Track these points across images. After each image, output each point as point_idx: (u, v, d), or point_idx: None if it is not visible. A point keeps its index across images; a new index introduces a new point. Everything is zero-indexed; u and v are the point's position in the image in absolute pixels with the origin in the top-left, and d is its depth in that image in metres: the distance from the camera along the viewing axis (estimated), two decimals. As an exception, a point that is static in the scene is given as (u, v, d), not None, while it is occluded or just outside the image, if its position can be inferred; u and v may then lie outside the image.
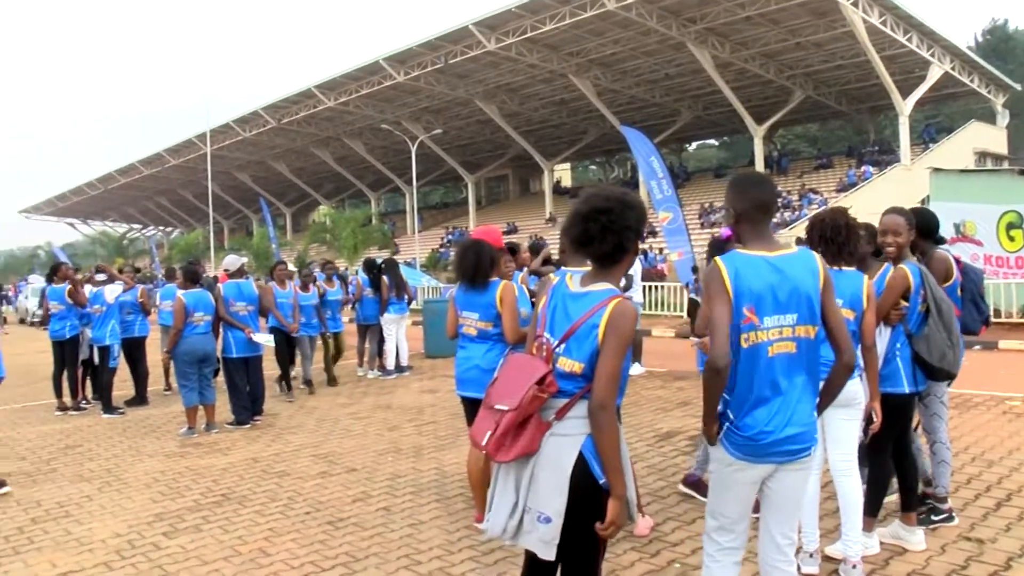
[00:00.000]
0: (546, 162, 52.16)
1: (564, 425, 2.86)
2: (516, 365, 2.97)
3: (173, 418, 9.97)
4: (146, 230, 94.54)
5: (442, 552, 5.00)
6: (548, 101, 47.41)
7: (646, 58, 39.00)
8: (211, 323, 9.31)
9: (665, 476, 6.48)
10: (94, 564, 5.09)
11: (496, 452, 2.86)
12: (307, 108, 49.54)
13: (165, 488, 6.81)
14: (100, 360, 10.78)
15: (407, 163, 51.37)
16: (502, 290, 5.19)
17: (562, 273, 3.12)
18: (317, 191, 69.20)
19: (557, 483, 2.80)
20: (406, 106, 48.09)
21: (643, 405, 9.59)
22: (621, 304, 2.84)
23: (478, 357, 5.24)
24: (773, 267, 3.03)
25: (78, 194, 78.34)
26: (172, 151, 62.26)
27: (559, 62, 38.94)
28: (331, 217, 53.08)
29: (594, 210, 2.92)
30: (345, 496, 6.33)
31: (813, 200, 37.24)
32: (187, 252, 55.50)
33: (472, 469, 5.37)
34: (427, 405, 10.27)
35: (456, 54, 39.05)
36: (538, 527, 2.83)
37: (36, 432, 9.52)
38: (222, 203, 71.32)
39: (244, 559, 5.04)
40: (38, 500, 6.63)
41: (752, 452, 3.02)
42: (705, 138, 68.72)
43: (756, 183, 3.25)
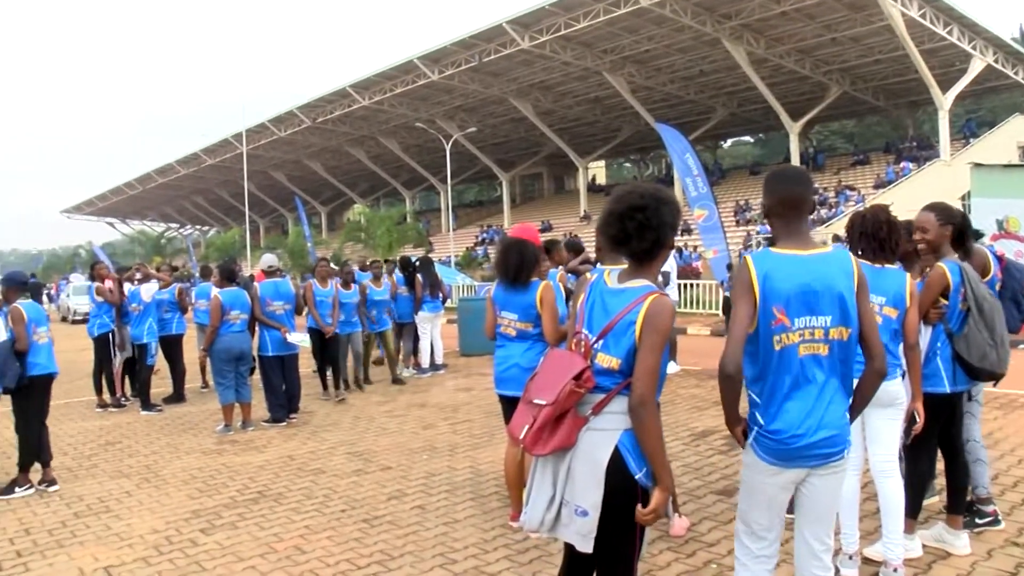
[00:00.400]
0: (580, 160, 52.01)
1: (600, 420, 2.86)
2: (555, 360, 2.97)
3: (210, 415, 10.05)
4: (183, 229, 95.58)
5: (477, 551, 4.99)
6: (582, 99, 47.29)
7: (680, 55, 38.75)
8: (247, 321, 9.37)
9: (701, 475, 6.43)
10: (133, 559, 5.15)
11: (533, 445, 2.86)
12: (342, 107, 49.78)
13: (202, 485, 6.88)
14: (138, 358, 10.90)
15: (441, 161, 51.46)
16: (542, 290, 5.17)
17: (600, 270, 3.10)
18: (352, 190, 69.55)
19: (593, 477, 2.80)
20: (440, 104, 48.17)
21: (678, 404, 9.53)
22: (658, 300, 2.84)
23: (518, 355, 5.23)
24: (806, 267, 2.94)
25: (117, 194, 79.38)
26: (209, 151, 62.84)
27: (593, 59, 38.80)
28: (366, 215, 53.30)
29: (630, 208, 2.90)
30: (380, 494, 6.34)
31: (850, 197, 36.82)
32: (224, 251, 56.01)
33: (508, 467, 5.36)
34: (462, 403, 10.29)
35: (490, 52, 39.04)
36: (576, 520, 2.83)
37: (78, 428, 9.64)
38: (258, 202, 71.96)
39: (280, 556, 5.07)
40: (80, 495, 6.73)
41: (783, 456, 2.95)
42: (740, 135, 68.22)
43: (787, 178, 3.13)
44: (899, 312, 4.16)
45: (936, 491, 5.33)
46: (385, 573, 4.72)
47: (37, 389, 7.00)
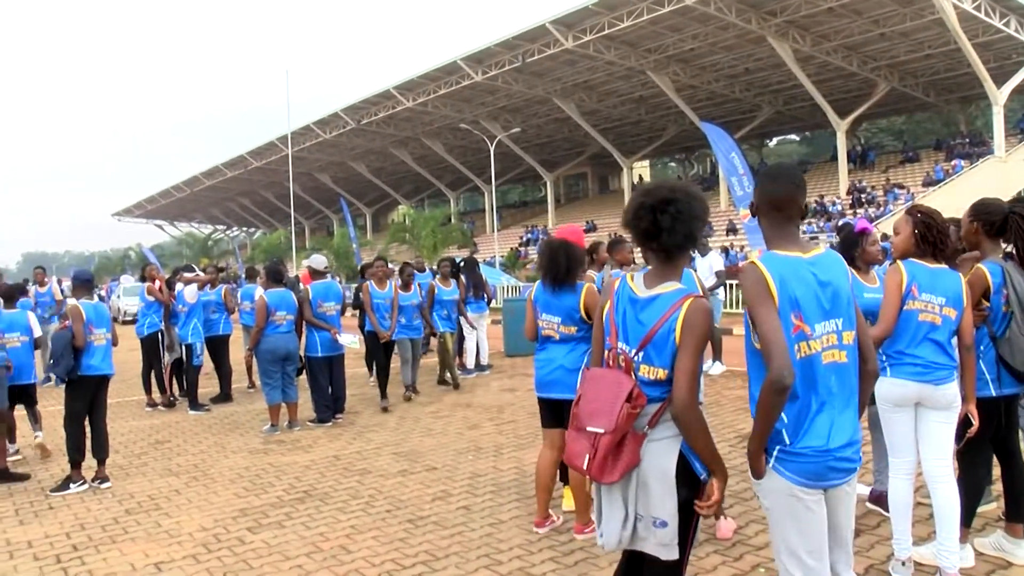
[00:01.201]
0: (625, 160, 51.83)
1: (659, 430, 2.82)
2: (599, 382, 2.90)
3: (256, 415, 10.15)
4: (230, 231, 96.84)
5: (522, 552, 4.98)
6: (626, 98, 47.15)
7: (725, 53, 38.47)
8: (294, 322, 9.44)
9: (748, 478, 6.29)
10: (182, 556, 5.21)
11: (601, 475, 2.81)
12: (386, 109, 50.14)
13: (249, 484, 6.94)
14: (185, 358, 11.05)
15: (486, 162, 51.59)
16: (586, 295, 5.08)
17: (622, 276, 3.04)
18: (396, 191, 69.97)
19: (666, 487, 2.78)
20: (484, 105, 48.32)
21: (724, 405, 9.44)
22: (695, 302, 2.79)
23: (561, 358, 5.15)
24: (811, 270, 2.78)
25: (165, 196, 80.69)
26: (254, 153, 63.66)
27: (637, 59, 38.67)
28: (410, 216, 53.62)
29: (662, 200, 2.85)
30: (425, 494, 6.35)
31: (899, 195, 36.27)
32: (270, 252, 56.66)
33: (541, 471, 5.34)
34: (507, 404, 10.28)
35: (533, 52, 39.09)
36: (655, 532, 2.80)
37: (128, 427, 9.79)
38: (303, 204, 72.63)
39: (326, 555, 5.09)
40: (131, 492, 6.83)
41: (814, 475, 2.71)
42: (786, 133, 67.50)
43: (774, 177, 2.93)
44: (957, 313, 4.06)
45: (993, 497, 5.20)
46: (430, 573, 4.72)
47: (87, 389, 7.11)
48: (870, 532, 5.00)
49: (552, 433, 5.27)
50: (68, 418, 7.06)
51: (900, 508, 4.20)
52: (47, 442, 8.44)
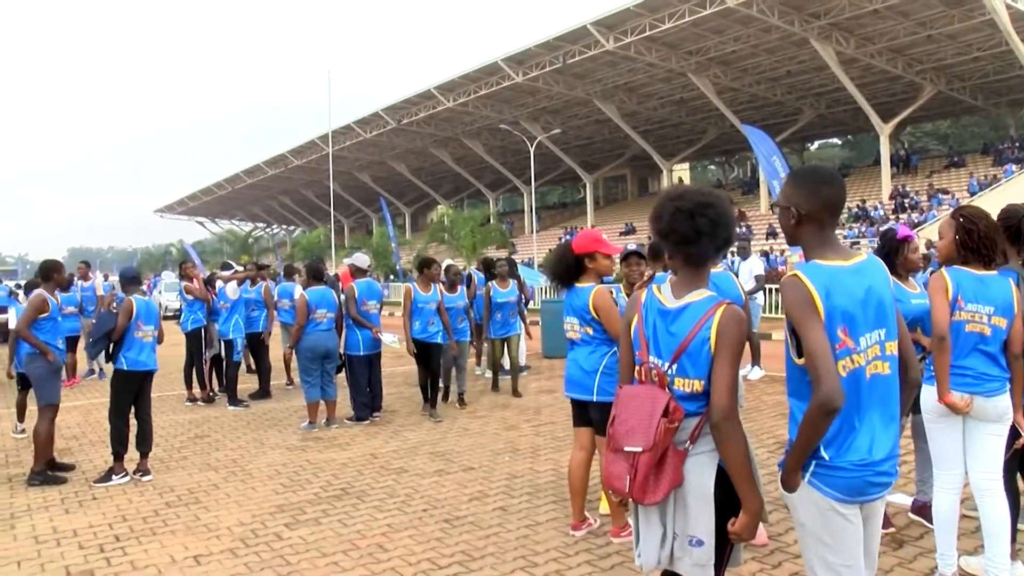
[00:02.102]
0: (665, 162, 51.61)
1: (699, 445, 2.74)
2: (632, 399, 2.81)
3: (294, 412, 10.23)
4: (270, 228, 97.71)
5: (559, 554, 4.96)
6: (667, 100, 46.95)
7: (767, 55, 38.18)
8: (334, 320, 9.49)
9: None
10: (220, 550, 5.26)
11: (644, 496, 2.72)
12: (426, 109, 50.36)
13: (287, 480, 6.99)
14: (225, 354, 11.17)
15: (525, 163, 51.64)
16: (594, 296, 5.12)
17: (648, 287, 2.97)
18: (436, 191, 70.22)
19: (704, 504, 2.70)
20: (524, 106, 48.36)
21: (763, 410, 9.36)
22: (728, 310, 2.72)
23: (582, 358, 5.23)
24: (857, 279, 2.65)
25: (207, 194, 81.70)
26: (295, 152, 64.23)
27: (678, 61, 38.48)
28: (450, 216, 53.78)
29: (699, 204, 2.76)
30: (462, 495, 6.36)
31: (943, 201, 35.75)
32: (309, 250, 57.14)
33: (573, 474, 5.33)
34: (544, 405, 10.27)
35: (574, 54, 39.05)
36: (691, 551, 2.73)
37: (169, 421, 9.91)
38: (343, 202, 73.14)
39: (362, 553, 5.11)
40: (171, 486, 6.91)
41: (852, 490, 2.60)
42: (828, 137, 66.87)
43: (828, 179, 2.75)
44: (1008, 321, 3.96)
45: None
46: (466, 574, 4.72)
47: (132, 383, 7.22)
48: (913, 543, 4.90)
49: (582, 433, 5.32)
50: (113, 411, 7.15)
51: (946, 523, 4.10)
52: (88, 433, 8.57)
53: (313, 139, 60.15)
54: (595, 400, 5.09)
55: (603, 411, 4.93)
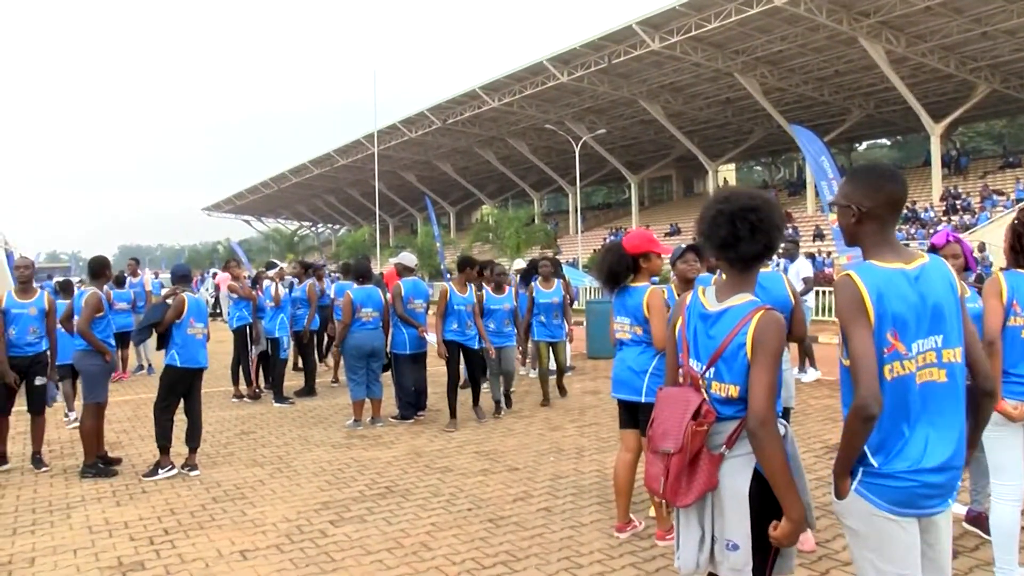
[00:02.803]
0: (710, 163, 51.19)
1: (735, 449, 2.71)
2: (669, 401, 2.82)
3: (339, 410, 10.30)
4: (315, 227, 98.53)
5: (603, 556, 4.94)
6: (713, 100, 46.58)
7: (815, 55, 37.68)
8: (380, 319, 9.54)
9: (830, 493, 6.18)
10: (266, 545, 5.31)
11: (675, 497, 2.73)
12: (471, 109, 50.46)
13: (331, 478, 7.04)
14: (271, 352, 11.28)
15: (570, 163, 51.54)
16: (649, 295, 5.12)
17: (693, 291, 2.95)
18: (481, 190, 70.37)
19: (739, 508, 2.67)
20: (569, 106, 48.28)
21: (810, 414, 9.25)
22: (765, 315, 2.67)
23: (631, 359, 5.21)
24: (912, 282, 2.57)
25: (254, 192, 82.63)
26: (341, 151, 64.72)
27: (724, 60, 38.16)
28: (494, 216, 53.85)
29: (742, 208, 2.73)
30: (506, 495, 6.36)
31: (997, 203, 35.05)
32: (354, 249, 57.56)
33: (619, 474, 5.31)
34: (589, 406, 10.23)
35: (620, 54, 38.92)
36: (728, 555, 2.70)
37: (216, 417, 10.04)
38: (388, 201, 73.57)
39: (406, 551, 5.13)
40: (218, 481, 7.00)
41: (901, 500, 2.53)
42: (876, 137, 65.84)
43: (889, 176, 2.69)
44: None
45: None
46: (510, 574, 4.72)
47: (184, 380, 7.32)
48: (968, 555, 4.82)
49: (627, 434, 5.31)
50: (159, 406, 7.26)
51: (1005, 535, 3.99)
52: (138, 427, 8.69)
53: (359, 138, 60.55)
54: (644, 401, 5.07)
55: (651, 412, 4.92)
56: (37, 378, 7.63)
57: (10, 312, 7.54)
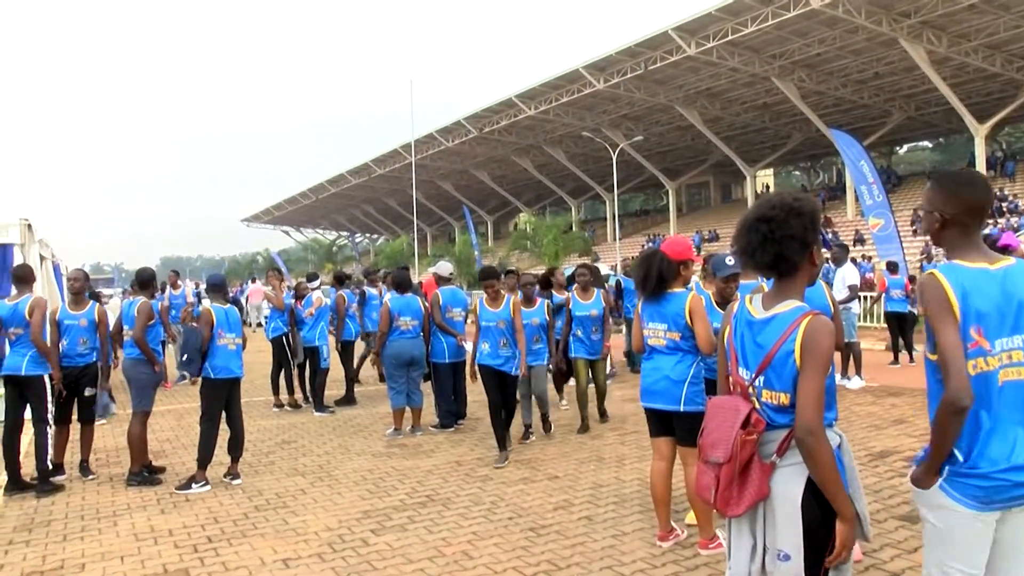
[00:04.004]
0: (748, 168, 50.79)
1: (787, 458, 2.69)
2: (717, 411, 2.81)
3: (380, 419, 10.33)
4: (353, 237, 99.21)
5: (645, 565, 4.91)
6: (750, 105, 46.27)
7: (854, 57, 37.24)
8: (420, 328, 9.54)
9: (881, 498, 6.12)
10: (308, 554, 5.34)
11: (726, 507, 2.72)
12: (508, 117, 50.53)
13: (372, 487, 7.07)
14: (311, 361, 11.35)
15: (607, 170, 51.46)
16: (691, 301, 5.07)
17: (741, 298, 2.95)
18: (518, 199, 70.44)
19: (791, 518, 2.65)
20: (606, 113, 48.22)
21: (854, 422, 9.13)
22: (813, 321, 2.66)
23: (668, 368, 5.12)
24: (996, 282, 2.62)
25: (292, 203, 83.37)
26: (378, 161, 65.13)
27: (761, 65, 37.86)
28: (532, 224, 53.88)
29: (757, 219, 2.76)
30: (547, 503, 6.34)
31: (1044, 206, 34.40)
32: (392, 258, 57.86)
33: (655, 483, 5.27)
34: (630, 414, 10.15)
35: (656, 60, 38.79)
36: (779, 566, 2.68)
37: (256, 426, 10.11)
38: (425, 211, 73.88)
39: (448, 560, 5.13)
40: (260, 490, 7.06)
41: (985, 497, 2.55)
42: (918, 139, 64.96)
43: (969, 182, 2.75)
44: None
45: None
46: (552, 583, 4.70)
47: (219, 389, 7.35)
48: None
49: (660, 443, 5.26)
50: (204, 417, 7.32)
51: None
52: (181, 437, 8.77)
53: (396, 148, 60.90)
54: (682, 411, 5.03)
55: (691, 421, 4.89)
56: (87, 389, 7.75)
57: (62, 323, 7.68)
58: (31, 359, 7.25)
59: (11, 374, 7.25)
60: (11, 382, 7.31)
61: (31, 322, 7.24)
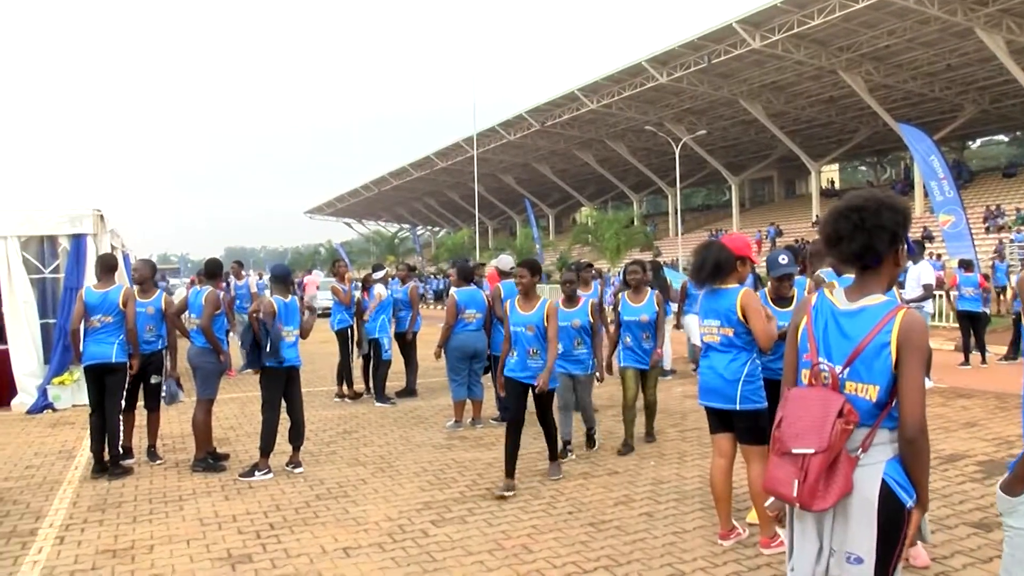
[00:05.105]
0: (813, 163, 49.92)
1: (868, 455, 2.63)
2: (803, 401, 2.73)
3: (440, 411, 10.38)
4: (415, 229, 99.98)
5: (706, 564, 4.87)
6: (816, 99, 45.40)
7: (925, 49, 36.25)
8: (483, 320, 9.56)
9: (951, 504, 5.97)
10: (369, 544, 5.39)
11: (812, 501, 2.63)
12: (570, 111, 50.37)
13: (433, 478, 7.10)
14: (374, 353, 11.44)
15: (669, 164, 51.02)
16: (742, 297, 5.00)
17: (820, 290, 2.90)
18: (580, 192, 70.21)
19: (866, 519, 2.59)
20: (669, 107, 47.78)
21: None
22: (909, 315, 2.61)
23: (721, 367, 5.07)
24: None
25: (354, 196, 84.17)
26: (440, 154, 65.39)
27: (828, 58, 37.13)
28: (594, 218, 53.72)
29: (848, 207, 2.72)
30: (607, 498, 6.32)
31: None
32: (454, 251, 58.19)
33: (715, 481, 5.22)
34: (690, 410, 10.08)
35: (719, 53, 38.28)
36: (848, 569, 2.63)
37: (318, 416, 10.23)
38: (487, 204, 74.00)
39: (507, 553, 5.14)
40: (321, 479, 7.15)
41: None
42: (992, 134, 63.11)
43: None
44: None
45: None
46: (612, 579, 4.66)
47: (278, 378, 7.40)
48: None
49: (721, 440, 5.21)
50: (265, 406, 7.42)
51: None
52: (244, 424, 8.91)
53: (458, 141, 61.09)
54: (739, 409, 4.97)
55: (749, 419, 4.86)
56: (153, 376, 7.91)
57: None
58: (119, 346, 7.50)
59: (101, 362, 7.46)
60: (96, 370, 7.50)
61: (126, 311, 7.51)
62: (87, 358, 7.49)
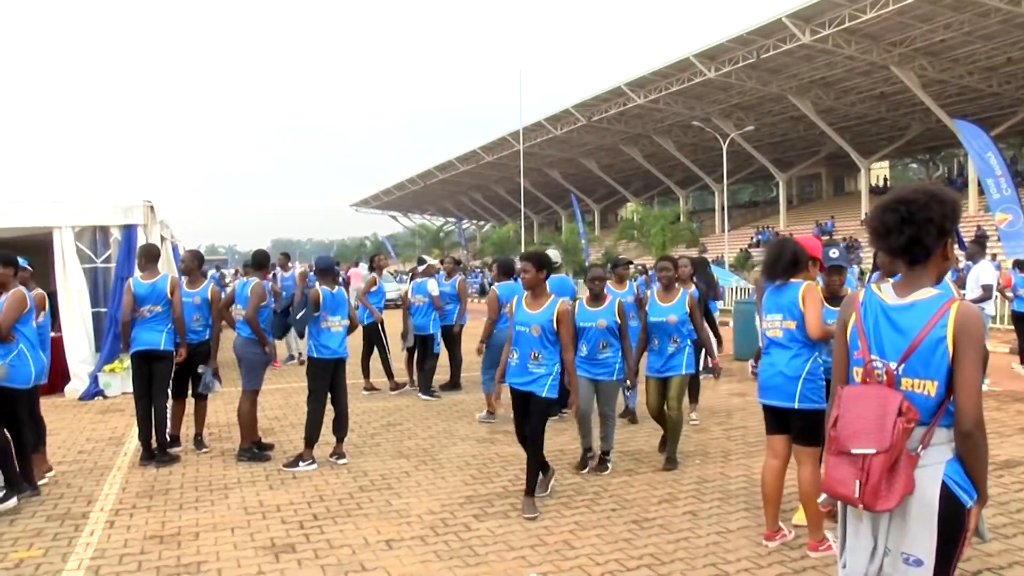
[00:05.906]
0: (863, 160, 49.23)
1: (928, 454, 2.56)
2: (858, 399, 2.66)
3: (484, 405, 10.34)
4: (460, 223, 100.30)
5: (751, 564, 4.80)
6: (866, 95, 44.75)
7: (983, 43, 35.51)
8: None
9: (1007, 511, 5.79)
10: (411, 536, 5.40)
11: (875, 501, 2.56)
12: (617, 106, 50.22)
13: (476, 472, 7.10)
14: (422, 347, 11.46)
15: (716, 160, 50.62)
16: (805, 288, 4.97)
17: (867, 286, 2.84)
18: (625, 188, 69.97)
19: (927, 522, 2.53)
20: (716, 103, 47.42)
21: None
22: (963, 306, 2.55)
23: (782, 364, 5.00)
24: None
25: (400, 189, 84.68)
26: (486, 148, 65.53)
27: (880, 53, 36.55)
28: (639, 214, 53.50)
29: (896, 200, 2.66)
30: (651, 496, 6.27)
31: None
32: (499, 245, 58.26)
33: (767, 481, 5.15)
34: (736, 408, 9.98)
35: (768, 48, 37.92)
36: (906, 570, 2.57)
37: (362, 408, 10.29)
38: (532, 198, 74.03)
39: (549, 549, 5.11)
40: (365, 471, 7.18)
41: None
42: (1052, 130, 61.64)
43: None
44: None
45: None
46: (655, 578, 4.62)
47: (324, 369, 7.44)
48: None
49: (776, 440, 5.13)
50: (310, 396, 7.46)
51: None
52: (289, 415, 8.97)
53: (504, 136, 61.16)
54: (797, 408, 4.89)
55: (806, 419, 4.79)
56: (200, 366, 8.00)
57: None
58: (168, 334, 7.62)
59: (150, 349, 7.57)
60: (144, 357, 7.61)
61: (173, 301, 7.63)
62: (136, 344, 7.59)
